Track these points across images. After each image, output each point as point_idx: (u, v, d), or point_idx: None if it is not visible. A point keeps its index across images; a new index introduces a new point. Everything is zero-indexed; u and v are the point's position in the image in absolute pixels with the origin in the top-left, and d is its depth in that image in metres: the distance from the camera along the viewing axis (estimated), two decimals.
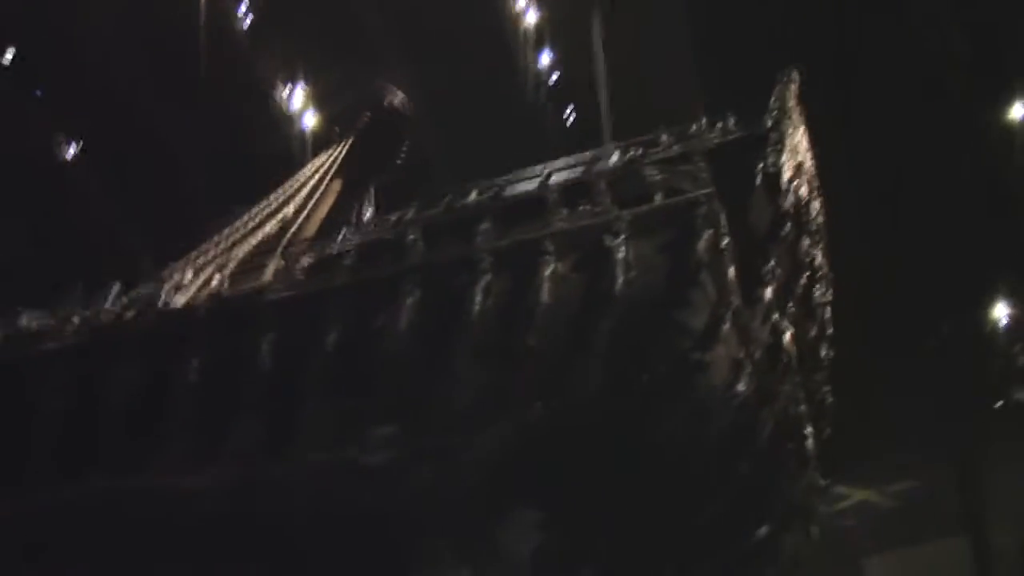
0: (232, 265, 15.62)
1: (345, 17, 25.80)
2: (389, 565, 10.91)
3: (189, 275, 15.61)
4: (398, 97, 21.87)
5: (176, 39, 25.64)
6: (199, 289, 14.87)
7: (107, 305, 14.65)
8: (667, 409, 10.50)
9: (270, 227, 17.54)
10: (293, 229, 17.28)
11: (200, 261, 16.30)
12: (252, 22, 26.68)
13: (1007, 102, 24.07)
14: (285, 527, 11.21)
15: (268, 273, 14.17)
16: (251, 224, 17.60)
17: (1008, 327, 27.90)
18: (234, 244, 16.72)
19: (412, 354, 11.20)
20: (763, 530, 12.23)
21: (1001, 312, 28.04)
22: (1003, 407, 27.74)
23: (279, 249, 15.58)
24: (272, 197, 18.79)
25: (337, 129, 22.12)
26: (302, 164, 21.00)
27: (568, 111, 28.08)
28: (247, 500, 11.34)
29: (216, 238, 17.25)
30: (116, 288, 15.07)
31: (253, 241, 16.89)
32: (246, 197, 18.73)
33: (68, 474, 11.87)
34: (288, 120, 26.43)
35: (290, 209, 18.28)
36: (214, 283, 14.86)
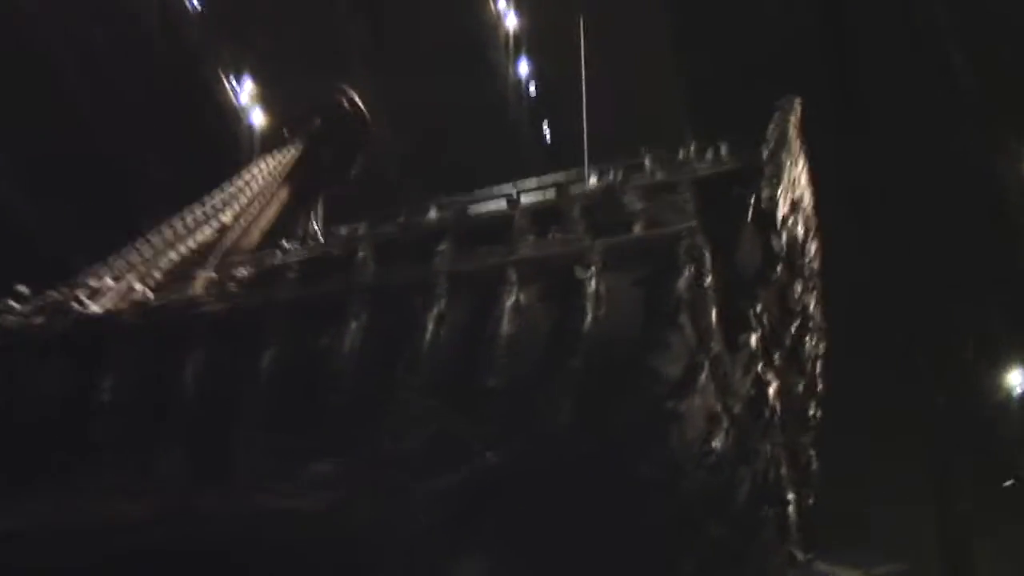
0: (158, 273, 15.61)
1: (310, 15, 25.93)
2: None
3: (108, 281, 15.57)
4: (357, 102, 21.91)
5: (112, 19, 25.64)
6: (119, 297, 14.84)
7: (13, 308, 14.64)
8: (635, 462, 10.53)
9: (204, 233, 17.51)
10: (230, 237, 17.27)
11: (121, 266, 16.26)
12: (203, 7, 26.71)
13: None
14: (209, 568, 11.22)
15: (199, 284, 14.19)
16: (183, 228, 17.57)
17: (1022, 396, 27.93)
18: (162, 250, 16.69)
19: (357, 384, 11.30)
20: None
21: (1016, 380, 28.02)
22: (1013, 486, 27.79)
23: (214, 259, 15.58)
24: (209, 200, 18.77)
25: (287, 131, 22.12)
26: (245, 166, 20.98)
27: (544, 127, 28.22)
28: (170, 537, 11.34)
29: (141, 242, 17.22)
30: (23, 291, 15.03)
31: (184, 248, 16.86)
32: (179, 198, 18.72)
33: None
34: (233, 116, 26.44)
35: (228, 215, 18.28)
36: (136, 291, 14.82)
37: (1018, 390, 27.99)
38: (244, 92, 26.63)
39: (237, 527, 10.81)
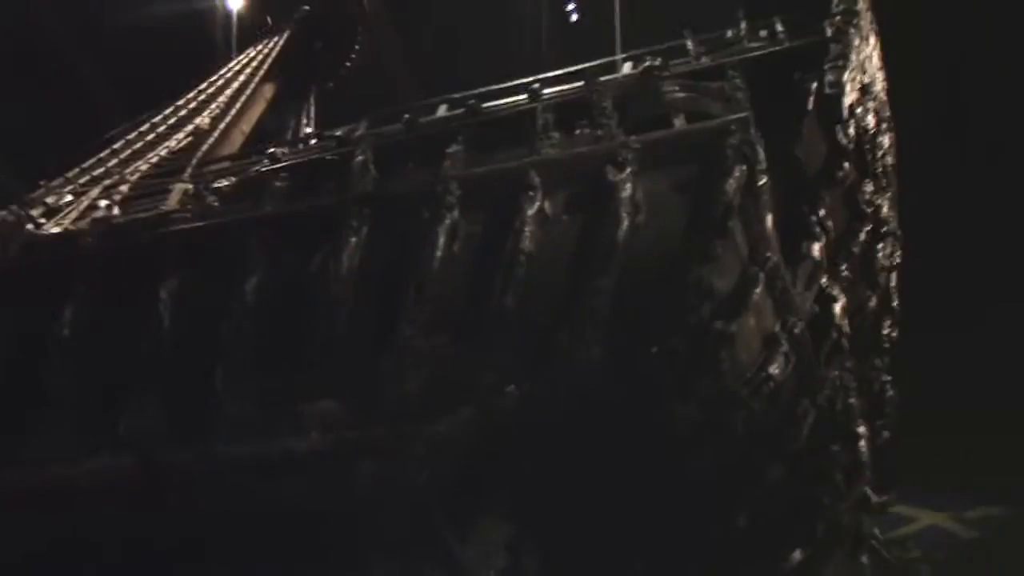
0: (126, 186, 15.67)
1: None
2: None
3: (67, 197, 15.66)
4: None
5: None
6: (80, 215, 14.91)
7: None
8: (680, 395, 10.57)
9: (178, 140, 17.57)
10: (208, 143, 17.30)
11: (83, 180, 16.35)
12: None
13: None
14: (189, 532, 11.32)
15: (173, 197, 14.24)
16: (153, 135, 17.64)
17: None
18: (129, 160, 16.77)
19: (356, 311, 11.39)
20: (796, 556, 12.32)
21: None
22: None
23: (189, 168, 15.63)
24: (182, 101, 18.80)
25: (271, 18, 22.07)
26: (224, 60, 20.98)
27: (570, 7, 27.97)
28: (143, 498, 11.46)
29: (106, 152, 17.28)
30: None
31: (155, 157, 16.93)
32: (148, 99, 18.75)
33: None
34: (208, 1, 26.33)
35: (205, 118, 18.32)
36: (101, 208, 14.88)
37: None
38: None
39: (218, 482, 10.89)
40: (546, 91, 12.57)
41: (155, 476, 11.16)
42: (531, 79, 12.86)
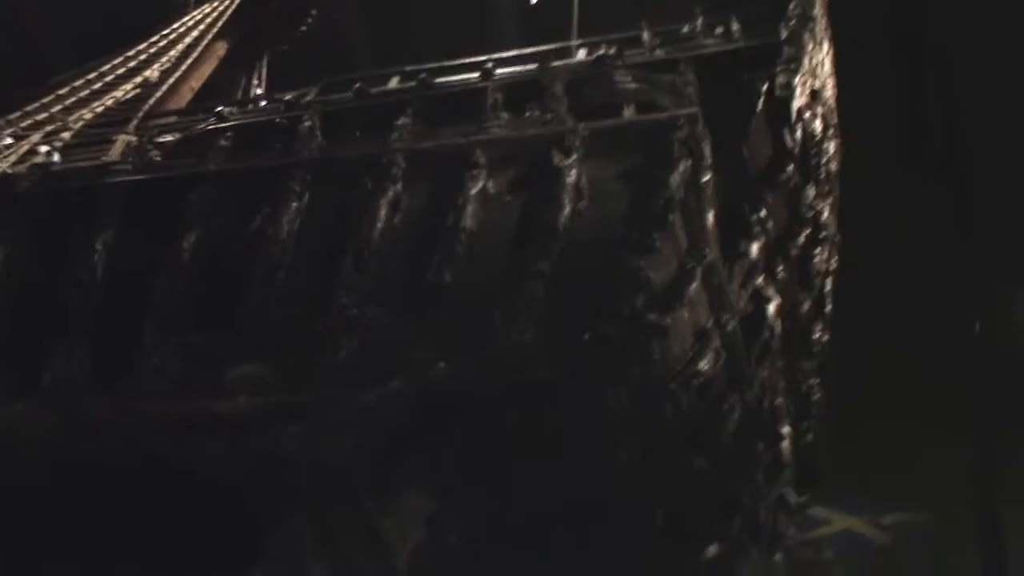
0: (68, 133, 15.52)
1: None
2: (236, 547, 10.91)
3: (7, 140, 15.48)
4: None
5: None
6: (19, 159, 14.76)
7: None
8: (610, 381, 10.58)
9: (125, 90, 17.41)
10: (155, 97, 17.15)
11: (24, 124, 16.17)
12: None
13: None
14: (110, 488, 11.19)
15: (116, 148, 14.12)
16: (99, 84, 17.46)
17: None
18: (74, 107, 16.60)
19: (292, 275, 11.38)
20: (712, 549, 12.41)
21: None
22: None
23: (134, 120, 15.49)
24: (131, 52, 18.62)
25: None
26: (178, 14, 20.78)
27: None
28: (66, 448, 11.34)
29: (50, 96, 17.09)
30: None
31: (100, 106, 16.76)
32: (96, 49, 18.57)
33: None
34: None
35: (154, 71, 18.15)
36: (41, 153, 14.74)
37: None
38: None
39: (143, 438, 10.80)
40: (499, 71, 12.56)
41: (76, 426, 11.04)
42: (484, 58, 12.86)
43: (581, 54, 12.87)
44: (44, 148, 14.90)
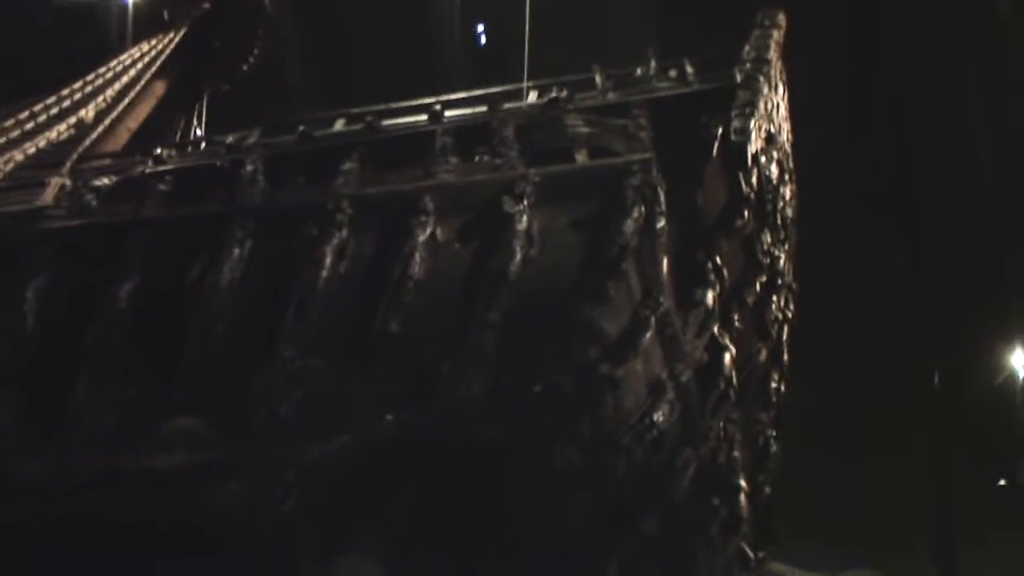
0: None
1: None
2: None
3: None
4: None
5: None
6: None
7: None
8: (561, 437, 10.47)
9: (58, 131, 17.29)
10: (91, 138, 17.06)
11: None
12: None
13: None
14: (41, 544, 11.05)
15: (49, 192, 14.00)
16: (31, 125, 17.33)
17: None
18: (4, 148, 16.45)
19: (232, 325, 11.29)
20: None
21: (1020, 361, 28.26)
22: (1007, 486, 28.22)
23: (68, 162, 15.37)
24: (65, 92, 18.51)
25: (167, 12, 21.83)
26: (115, 53, 20.69)
27: (479, 31, 27.96)
28: None
29: None
30: None
31: (31, 148, 16.63)
32: (29, 87, 18.45)
33: None
34: None
35: (89, 111, 18.05)
36: None
37: (1021, 374, 28.24)
38: None
39: (75, 497, 10.65)
40: (448, 113, 12.56)
41: (3, 484, 10.89)
42: (433, 100, 12.85)
43: (532, 97, 12.89)
44: None
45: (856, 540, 27.63)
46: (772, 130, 12.59)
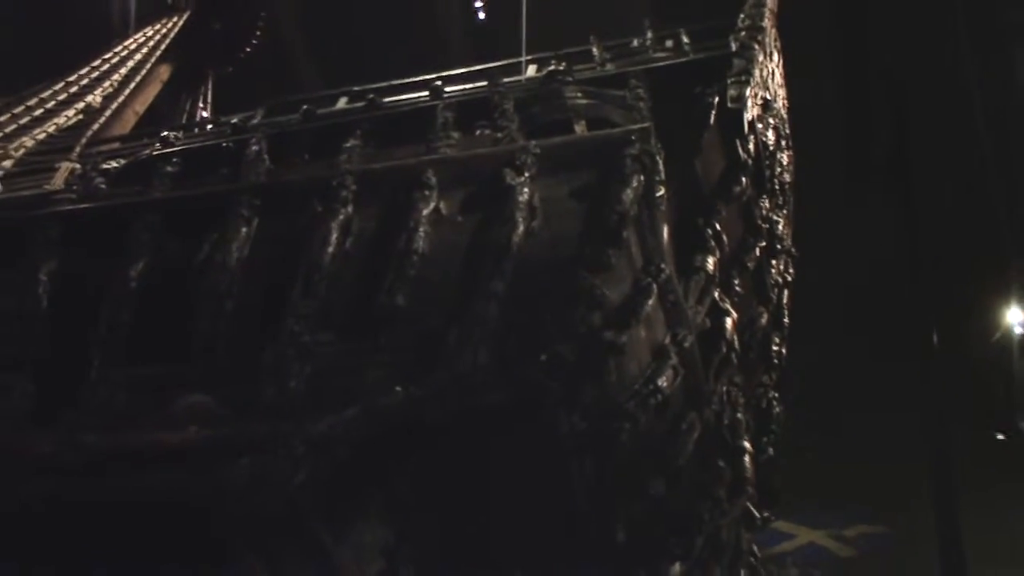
0: (9, 162, 15.37)
1: None
2: None
3: None
4: None
5: None
6: None
7: None
8: (566, 403, 10.40)
9: (67, 117, 17.27)
10: (98, 122, 17.03)
11: None
12: None
13: None
14: (55, 519, 11.03)
15: (59, 176, 13.98)
16: (40, 111, 17.32)
17: (1022, 340, 28.30)
18: (14, 134, 16.44)
19: (241, 302, 11.23)
20: (675, 570, 12.32)
21: (1016, 318, 28.32)
22: (1007, 440, 28.27)
23: (77, 147, 15.35)
24: (73, 78, 18.48)
25: None
26: (120, 37, 20.65)
27: (477, 4, 27.91)
28: (6, 481, 11.14)
29: None
30: None
31: (41, 133, 16.61)
32: (37, 72, 18.41)
33: None
34: None
35: (96, 96, 18.02)
36: None
37: (1018, 329, 28.29)
38: None
39: (80, 475, 10.62)
40: (448, 89, 12.52)
41: (17, 458, 10.84)
42: (433, 76, 12.81)
43: (531, 70, 12.85)
44: None
45: (859, 496, 27.77)
46: (768, 97, 12.56)
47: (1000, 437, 28.44)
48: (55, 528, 10.31)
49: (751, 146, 11.96)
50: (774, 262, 13.01)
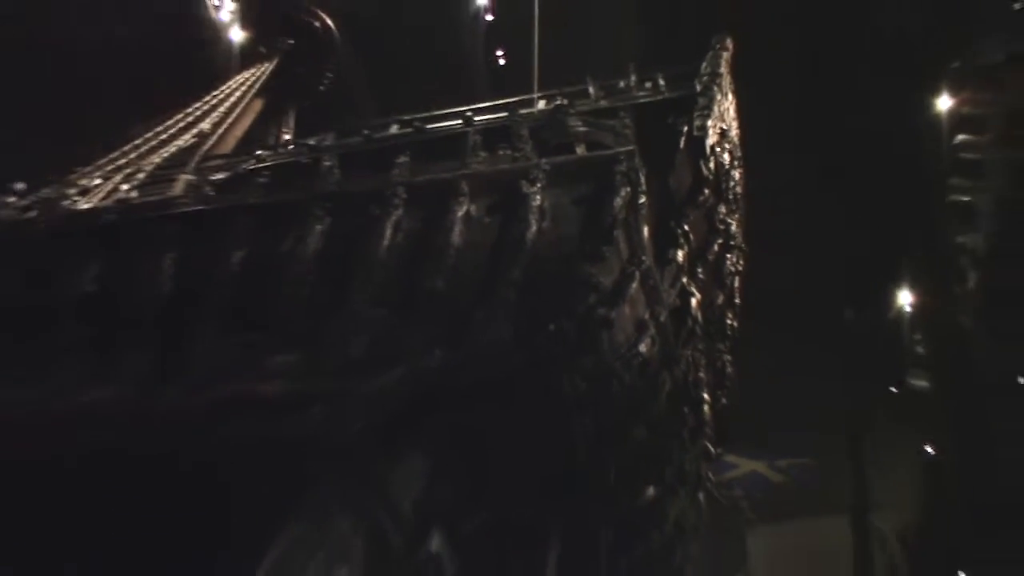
0: (142, 175, 15.18)
1: None
2: (274, 500, 10.62)
3: (97, 180, 15.17)
4: (328, 23, 21.59)
5: None
6: (106, 195, 14.44)
7: (8, 203, 14.29)
8: (568, 364, 10.30)
9: (185, 140, 17.09)
10: (209, 144, 16.87)
11: (109, 168, 15.85)
12: None
13: (934, 92, 24.37)
14: (176, 455, 10.85)
15: (178, 186, 13.78)
16: (166, 135, 17.15)
17: (910, 314, 28.53)
18: (146, 154, 16.27)
19: (316, 282, 11.01)
20: (651, 492, 12.19)
21: (905, 299, 28.62)
22: (897, 392, 28.41)
23: (192, 163, 15.16)
24: (190, 109, 18.32)
25: (263, 48, 21.64)
26: (224, 80, 20.47)
27: (498, 52, 27.79)
28: (140, 424, 10.94)
29: (128, 146, 16.79)
30: (19, 188, 14.69)
31: (166, 152, 16.45)
32: (164, 107, 18.24)
33: None
34: (214, 32, 25.68)
35: (207, 123, 17.85)
36: (122, 191, 14.43)
37: (906, 307, 28.58)
38: (225, 9, 25.80)
39: (195, 421, 10.44)
40: (476, 118, 12.36)
41: (146, 409, 10.66)
42: (465, 108, 12.65)
43: (541, 104, 12.72)
44: (124, 187, 14.60)
45: (791, 436, 27.81)
46: (724, 127, 12.43)
47: (893, 390, 28.61)
48: (173, 462, 10.09)
49: (712, 165, 11.78)
50: (729, 255, 12.86)
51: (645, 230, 10.62)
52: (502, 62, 27.33)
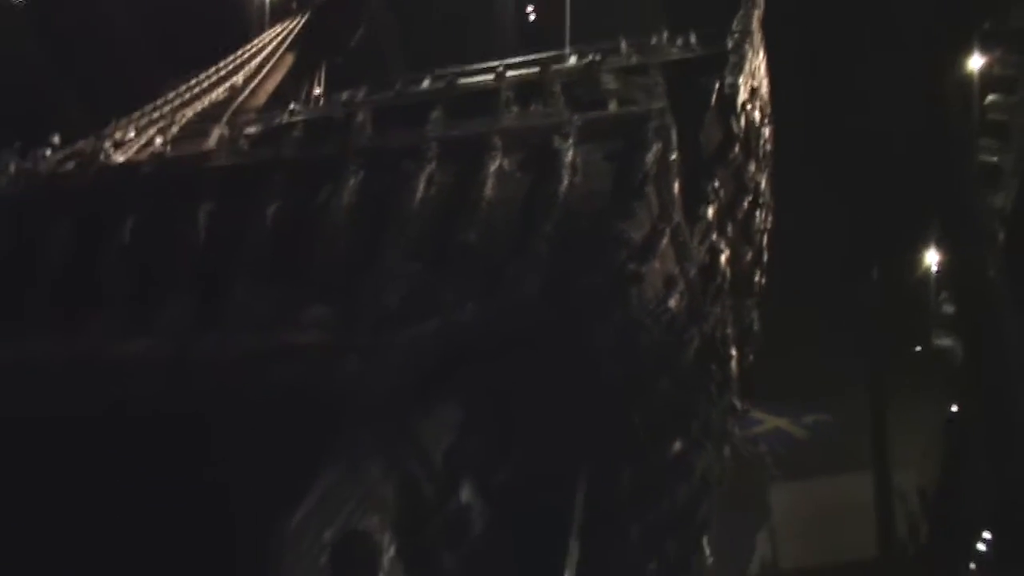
0: (176, 128, 15.27)
1: None
2: (308, 450, 10.75)
3: (131, 134, 15.25)
4: None
5: None
6: (140, 149, 14.54)
7: (45, 157, 14.38)
8: (598, 318, 10.30)
9: (218, 94, 17.14)
10: (241, 98, 16.91)
11: (143, 121, 15.93)
12: None
13: (965, 52, 24.08)
14: (212, 404, 11.01)
15: (212, 140, 13.86)
16: (198, 89, 17.19)
17: (936, 275, 28.38)
18: (180, 107, 16.33)
19: (351, 236, 11.07)
20: (677, 445, 12.26)
21: (932, 259, 28.47)
22: (922, 352, 28.34)
23: (225, 117, 15.23)
24: (222, 64, 18.35)
25: (294, 2, 21.62)
26: (256, 35, 20.48)
27: (529, 8, 27.68)
28: (177, 374, 11.09)
29: (162, 100, 16.86)
30: (55, 140, 14.78)
31: (199, 106, 16.51)
32: (196, 61, 18.28)
33: None
34: None
35: (240, 78, 17.88)
36: (156, 144, 14.52)
37: (933, 268, 28.43)
38: None
39: (233, 365, 10.57)
40: (508, 74, 12.37)
41: (184, 357, 10.79)
42: (497, 63, 12.67)
43: (573, 60, 12.71)
44: (159, 140, 14.69)
45: (814, 393, 27.86)
46: (755, 85, 12.39)
47: (918, 349, 28.54)
48: (212, 411, 10.24)
49: (742, 123, 11.80)
50: (758, 212, 12.84)
51: (675, 187, 10.58)
52: (533, 18, 27.24)
